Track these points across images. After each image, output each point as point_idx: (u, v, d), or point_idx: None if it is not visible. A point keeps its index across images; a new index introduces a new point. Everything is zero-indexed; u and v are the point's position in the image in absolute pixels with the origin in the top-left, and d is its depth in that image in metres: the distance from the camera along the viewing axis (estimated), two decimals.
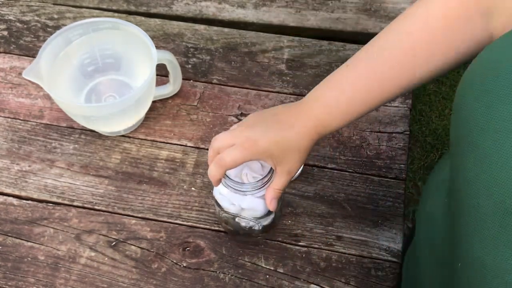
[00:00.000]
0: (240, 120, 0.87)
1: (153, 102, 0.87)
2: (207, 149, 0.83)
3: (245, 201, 0.64)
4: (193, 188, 0.79)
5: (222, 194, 0.65)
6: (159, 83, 0.86)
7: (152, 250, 0.74)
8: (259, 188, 0.61)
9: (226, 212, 0.67)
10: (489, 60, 0.41)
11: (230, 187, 0.61)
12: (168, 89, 0.86)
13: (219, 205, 0.67)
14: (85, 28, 0.80)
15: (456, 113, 0.44)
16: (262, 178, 0.61)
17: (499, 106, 0.37)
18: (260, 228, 0.70)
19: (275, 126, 0.58)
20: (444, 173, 0.54)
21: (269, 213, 0.67)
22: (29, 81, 0.83)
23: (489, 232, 0.38)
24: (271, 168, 0.61)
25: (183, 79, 0.87)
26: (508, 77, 0.37)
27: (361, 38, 1.01)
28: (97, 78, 0.87)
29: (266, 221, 0.69)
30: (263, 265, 0.73)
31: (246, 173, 0.63)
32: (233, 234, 0.73)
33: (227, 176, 0.60)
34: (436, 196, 0.56)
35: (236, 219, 0.68)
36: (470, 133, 0.40)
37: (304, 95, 0.90)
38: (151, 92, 0.81)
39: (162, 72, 0.86)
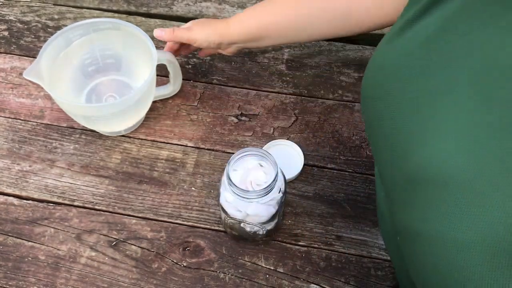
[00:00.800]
0: (240, 120, 0.87)
1: (154, 102, 0.87)
2: (208, 149, 0.83)
3: (250, 208, 0.65)
4: (193, 188, 0.79)
5: (229, 202, 0.66)
6: (159, 83, 0.86)
7: (152, 250, 0.74)
8: (264, 195, 0.63)
9: (232, 218, 0.68)
10: (379, 66, 0.50)
11: (237, 194, 0.63)
12: (169, 89, 0.87)
13: (225, 212, 0.67)
14: (85, 28, 0.80)
15: (364, 106, 0.52)
16: (266, 186, 0.62)
17: (389, 108, 0.46)
18: (264, 232, 0.70)
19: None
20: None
21: (272, 218, 0.68)
22: (30, 81, 0.83)
23: (400, 198, 0.45)
24: (275, 176, 0.62)
25: (183, 79, 0.88)
26: (389, 83, 0.47)
27: (361, 38, 1.01)
28: (97, 78, 0.87)
29: (270, 226, 0.70)
30: (263, 265, 0.73)
31: (251, 181, 0.65)
32: (238, 239, 0.74)
33: (234, 184, 0.62)
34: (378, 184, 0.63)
35: (242, 225, 0.68)
36: (376, 123, 0.49)
37: (304, 95, 0.90)
38: (151, 92, 0.81)
39: (162, 72, 0.86)
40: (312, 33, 0.76)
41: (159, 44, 0.96)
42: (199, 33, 0.77)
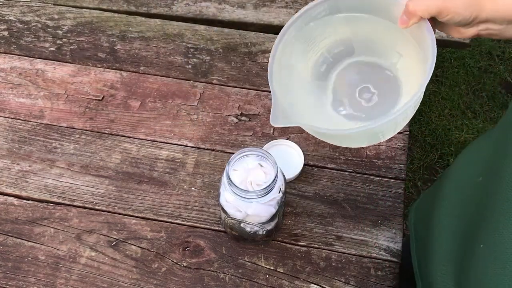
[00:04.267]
0: (240, 120, 0.87)
1: (154, 102, 0.87)
2: (208, 149, 0.83)
3: (251, 208, 0.65)
4: (193, 188, 0.79)
5: (229, 202, 0.66)
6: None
7: (152, 250, 0.74)
8: (264, 195, 0.63)
9: (232, 218, 0.68)
10: None
11: (237, 194, 0.63)
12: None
13: (225, 212, 0.67)
14: (297, 27, 0.60)
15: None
16: (266, 186, 0.62)
17: None
18: (264, 232, 0.70)
19: None
20: (481, 153, 0.57)
21: (272, 218, 0.68)
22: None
23: None
24: (275, 176, 0.62)
25: (183, 79, 0.88)
26: None
27: None
28: (333, 72, 0.62)
29: (270, 226, 0.70)
30: (263, 265, 0.73)
31: (251, 181, 0.65)
32: (238, 239, 0.74)
33: (234, 184, 0.62)
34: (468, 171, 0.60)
35: (242, 225, 0.68)
36: None
37: None
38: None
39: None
40: None
41: (159, 44, 0.96)
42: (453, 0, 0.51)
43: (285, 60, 0.59)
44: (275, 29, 1.04)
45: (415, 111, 0.54)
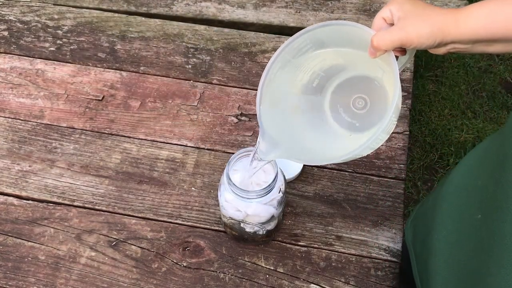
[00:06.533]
0: (240, 120, 0.87)
1: (154, 102, 0.87)
2: (208, 149, 0.83)
3: (251, 208, 0.65)
4: (193, 188, 0.79)
5: (228, 201, 0.66)
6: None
7: (152, 250, 0.74)
8: (264, 195, 0.63)
9: (232, 218, 0.67)
10: None
11: (236, 194, 0.63)
12: (401, 62, 0.64)
13: (225, 212, 0.67)
14: (283, 60, 0.63)
15: None
16: (266, 186, 0.62)
17: None
18: (264, 232, 0.70)
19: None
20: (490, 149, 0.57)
21: (272, 218, 0.68)
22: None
23: None
24: (275, 176, 0.62)
25: (183, 79, 0.88)
26: None
27: None
28: (328, 87, 0.66)
29: (270, 226, 0.70)
30: (263, 265, 0.73)
31: (252, 181, 0.65)
32: (238, 239, 0.74)
33: (234, 184, 0.62)
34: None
35: (242, 225, 0.68)
36: None
37: None
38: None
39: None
40: None
41: (159, 44, 0.96)
42: (416, 30, 0.54)
43: (275, 88, 0.64)
44: (275, 29, 1.04)
45: (388, 135, 0.58)
